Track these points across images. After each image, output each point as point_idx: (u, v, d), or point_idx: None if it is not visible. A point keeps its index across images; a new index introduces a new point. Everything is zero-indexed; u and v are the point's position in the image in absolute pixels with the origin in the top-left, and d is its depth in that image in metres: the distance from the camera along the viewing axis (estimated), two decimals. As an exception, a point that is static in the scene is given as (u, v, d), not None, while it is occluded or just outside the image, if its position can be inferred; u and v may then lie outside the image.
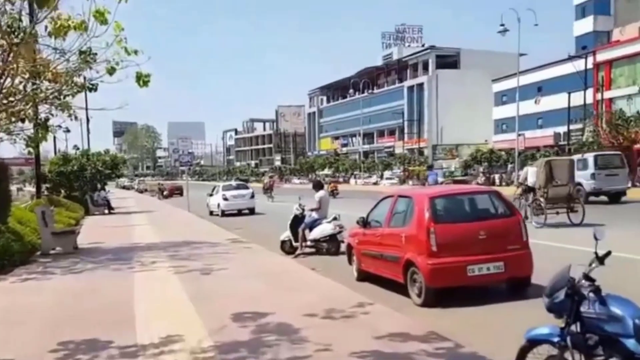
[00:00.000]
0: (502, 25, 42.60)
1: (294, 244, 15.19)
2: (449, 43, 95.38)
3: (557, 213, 18.22)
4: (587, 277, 4.14)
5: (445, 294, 8.61)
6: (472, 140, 75.61)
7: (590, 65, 54.93)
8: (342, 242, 14.14)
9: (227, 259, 13.51)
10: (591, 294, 4.06)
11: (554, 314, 4.33)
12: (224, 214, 30.74)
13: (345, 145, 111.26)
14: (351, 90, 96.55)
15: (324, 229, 14.86)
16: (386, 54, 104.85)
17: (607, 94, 52.85)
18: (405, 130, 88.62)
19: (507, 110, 65.70)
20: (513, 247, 8.87)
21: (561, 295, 4.19)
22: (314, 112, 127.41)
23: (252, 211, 31.80)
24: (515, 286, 9.13)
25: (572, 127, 52.86)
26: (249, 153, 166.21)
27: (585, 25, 63.42)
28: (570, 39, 66.28)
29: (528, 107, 58.85)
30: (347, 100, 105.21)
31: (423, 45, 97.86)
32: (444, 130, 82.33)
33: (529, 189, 19.00)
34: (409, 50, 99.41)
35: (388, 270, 9.85)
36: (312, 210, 15.42)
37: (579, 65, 53.17)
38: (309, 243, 15.09)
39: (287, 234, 15.41)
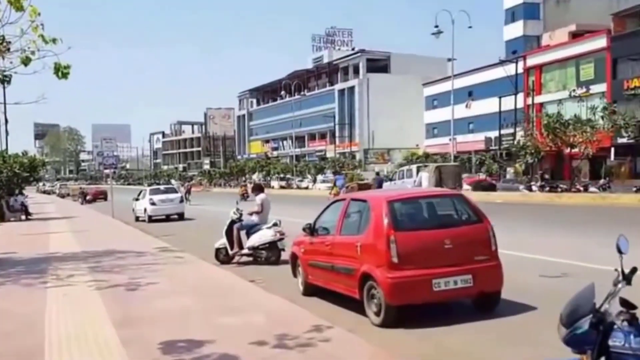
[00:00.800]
0: (437, 27, 42.53)
1: (230, 252, 14.02)
2: (379, 47, 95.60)
3: None
4: (625, 302, 3.20)
5: (407, 312, 7.60)
6: (403, 144, 75.99)
7: (520, 70, 55.70)
8: (283, 250, 13.16)
9: (156, 271, 12.13)
10: (625, 324, 3.13)
11: (572, 348, 3.36)
12: (151, 219, 29.39)
13: (275, 148, 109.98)
14: (282, 93, 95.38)
15: (263, 235, 13.76)
16: (316, 57, 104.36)
17: (538, 99, 53.72)
18: (337, 134, 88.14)
19: (438, 115, 66.19)
20: (481, 257, 7.90)
21: (585, 325, 3.23)
22: (243, 115, 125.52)
23: (181, 216, 30.55)
24: (480, 302, 8.22)
25: (503, 131, 53.47)
26: (177, 156, 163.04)
27: (515, 29, 64.33)
28: (500, 43, 67.32)
29: (459, 111, 59.24)
30: (278, 102, 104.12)
31: (353, 49, 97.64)
32: (375, 134, 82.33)
33: None
34: (340, 53, 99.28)
35: (340, 284, 8.76)
36: (252, 213, 14.35)
37: (509, 69, 53.75)
38: (246, 251, 13.96)
39: (222, 242, 14.20)
